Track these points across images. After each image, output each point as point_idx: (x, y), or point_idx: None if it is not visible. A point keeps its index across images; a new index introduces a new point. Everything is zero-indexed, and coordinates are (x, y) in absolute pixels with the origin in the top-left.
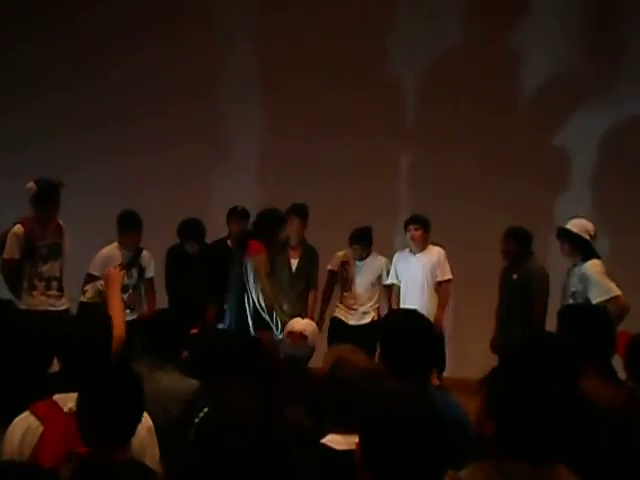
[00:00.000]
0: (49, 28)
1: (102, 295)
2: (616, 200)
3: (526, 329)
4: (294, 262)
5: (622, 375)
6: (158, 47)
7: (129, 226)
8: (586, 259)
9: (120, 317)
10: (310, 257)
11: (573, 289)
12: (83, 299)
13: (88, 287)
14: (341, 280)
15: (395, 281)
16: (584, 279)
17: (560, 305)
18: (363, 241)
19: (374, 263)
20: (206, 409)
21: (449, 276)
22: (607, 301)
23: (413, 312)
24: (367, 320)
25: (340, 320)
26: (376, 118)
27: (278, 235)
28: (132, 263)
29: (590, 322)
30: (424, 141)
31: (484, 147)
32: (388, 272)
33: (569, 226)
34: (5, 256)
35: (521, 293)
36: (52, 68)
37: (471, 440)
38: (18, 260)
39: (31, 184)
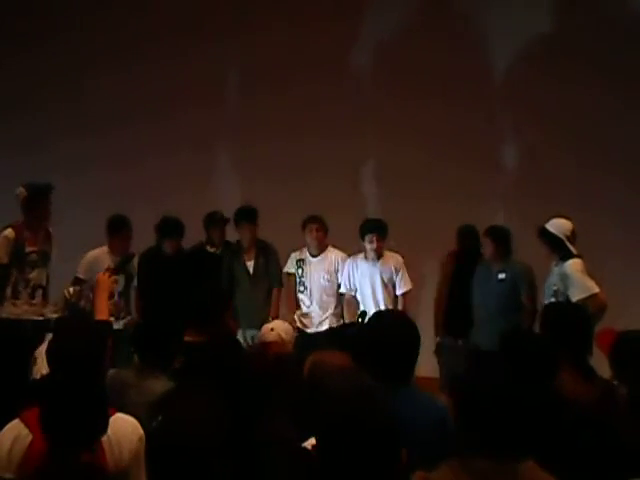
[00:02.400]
0: (42, 38)
1: (68, 303)
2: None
3: (519, 325)
4: (250, 264)
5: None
6: (147, 60)
7: (117, 229)
8: (566, 258)
9: None
10: (266, 254)
11: (554, 287)
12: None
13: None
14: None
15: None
16: (564, 277)
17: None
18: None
19: (329, 259)
20: (160, 418)
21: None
22: (587, 299)
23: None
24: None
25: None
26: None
27: None
28: (121, 269)
29: (567, 320)
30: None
31: (453, 142)
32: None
33: (548, 225)
34: None
35: (513, 290)
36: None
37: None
38: (6, 265)
39: (21, 189)
